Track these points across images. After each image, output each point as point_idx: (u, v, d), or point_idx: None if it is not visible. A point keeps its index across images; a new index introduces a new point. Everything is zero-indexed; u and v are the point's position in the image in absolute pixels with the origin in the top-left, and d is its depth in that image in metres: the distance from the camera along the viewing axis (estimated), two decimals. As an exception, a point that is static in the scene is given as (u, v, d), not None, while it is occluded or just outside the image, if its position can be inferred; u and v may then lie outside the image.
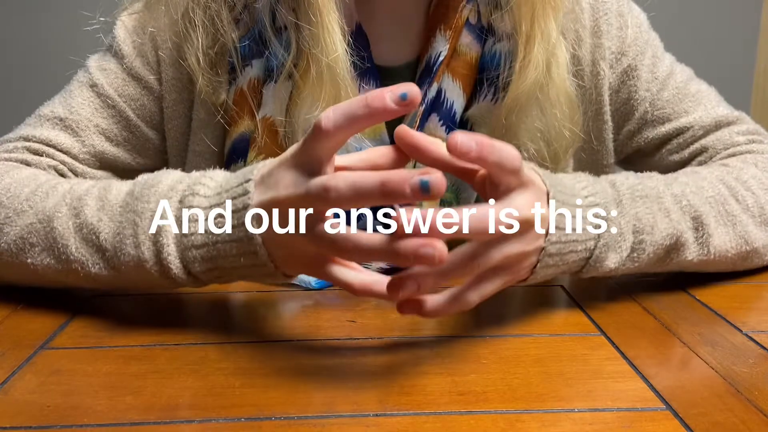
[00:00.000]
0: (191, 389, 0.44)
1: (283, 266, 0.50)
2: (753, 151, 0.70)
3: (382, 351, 0.50)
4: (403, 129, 0.47)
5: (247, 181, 0.48)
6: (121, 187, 0.55)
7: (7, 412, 0.42)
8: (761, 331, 0.53)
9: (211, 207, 0.50)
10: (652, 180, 0.59)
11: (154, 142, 0.73)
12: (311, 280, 0.61)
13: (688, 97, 0.74)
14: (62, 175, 0.68)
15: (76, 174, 0.70)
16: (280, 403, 0.42)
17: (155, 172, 0.55)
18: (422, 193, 0.40)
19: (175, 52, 0.69)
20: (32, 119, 0.71)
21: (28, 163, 0.66)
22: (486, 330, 0.53)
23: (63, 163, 0.69)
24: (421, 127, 0.67)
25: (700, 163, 0.72)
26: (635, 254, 0.54)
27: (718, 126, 0.73)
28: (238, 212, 0.48)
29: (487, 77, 0.68)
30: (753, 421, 0.40)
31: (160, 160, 0.74)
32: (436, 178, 0.40)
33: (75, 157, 0.70)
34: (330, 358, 0.49)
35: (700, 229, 0.58)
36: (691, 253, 0.58)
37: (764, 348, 0.50)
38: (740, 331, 0.53)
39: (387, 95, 0.42)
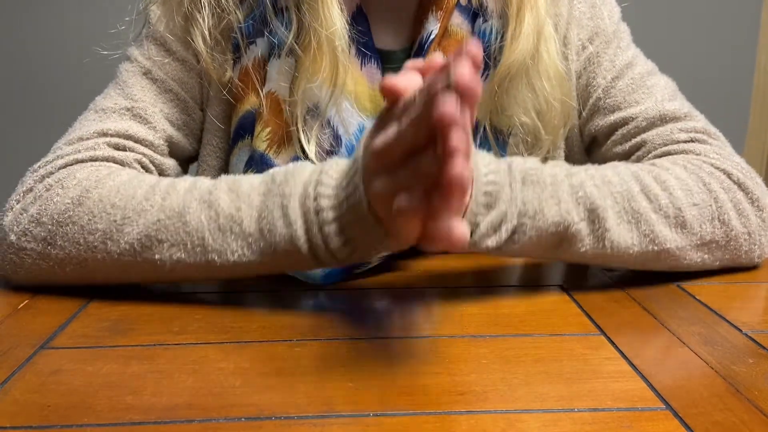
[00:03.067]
0: (191, 389, 0.44)
1: (387, 226, 0.51)
2: (690, 151, 0.68)
3: (382, 351, 0.50)
4: (384, 82, 0.47)
5: (358, 151, 0.52)
6: (251, 180, 0.57)
7: (7, 412, 0.42)
8: (761, 331, 0.53)
9: (337, 186, 0.53)
10: (554, 168, 0.59)
11: (201, 122, 0.74)
12: (317, 275, 0.61)
13: (642, 88, 0.73)
14: (145, 168, 0.68)
15: (155, 165, 0.70)
16: (280, 403, 0.42)
17: (292, 164, 0.57)
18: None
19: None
20: (93, 114, 0.69)
21: (115, 160, 0.65)
22: (486, 330, 0.53)
23: (144, 155, 0.68)
24: None
25: (638, 158, 0.71)
26: (516, 236, 0.56)
27: (662, 120, 0.71)
28: (353, 179, 0.52)
29: None
30: (753, 421, 0.40)
31: (200, 142, 0.75)
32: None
33: (151, 145, 0.69)
34: (330, 358, 0.49)
35: (597, 222, 0.58)
36: (586, 245, 0.58)
37: (764, 348, 0.50)
38: (740, 331, 0.53)
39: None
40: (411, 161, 0.45)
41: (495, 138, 0.71)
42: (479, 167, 0.55)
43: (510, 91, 0.69)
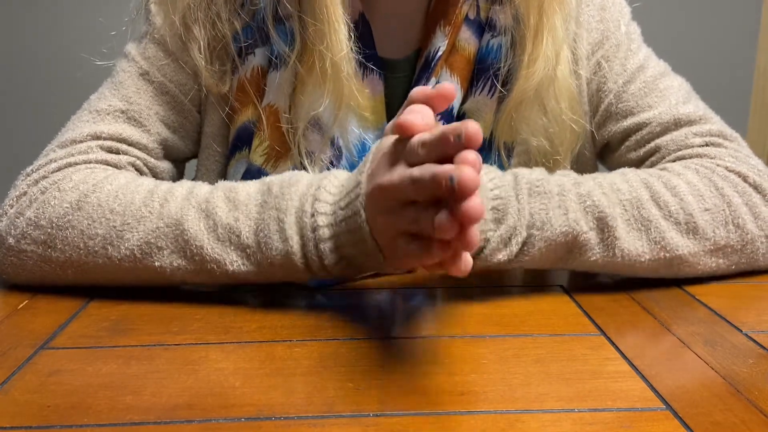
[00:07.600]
0: (191, 389, 0.44)
1: (388, 254, 0.52)
2: (705, 155, 0.67)
3: (382, 351, 0.50)
4: (401, 121, 0.48)
5: (361, 173, 0.52)
6: (247, 189, 0.57)
7: (7, 412, 0.42)
8: (761, 331, 0.53)
9: (334, 203, 0.54)
10: (561, 177, 0.59)
11: (199, 125, 0.73)
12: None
13: (655, 92, 0.72)
14: (139, 171, 0.68)
15: (149, 168, 0.69)
16: (280, 403, 0.42)
17: (288, 174, 0.58)
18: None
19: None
20: (87, 115, 0.68)
21: (108, 163, 0.65)
22: (486, 330, 0.53)
23: (138, 158, 0.68)
24: None
25: (653, 164, 0.70)
26: (525, 248, 0.56)
27: (677, 124, 0.70)
28: (353, 202, 0.52)
29: (483, 71, 0.69)
30: (753, 421, 0.40)
31: (198, 146, 0.74)
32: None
33: (145, 149, 0.68)
34: (330, 358, 0.49)
35: (606, 230, 0.57)
36: (596, 254, 0.58)
37: (764, 348, 0.50)
38: (740, 331, 0.53)
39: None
40: (422, 214, 0.46)
41: (504, 151, 0.70)
42: (484, 182, 0.55)
43: (522, 113, 0.68)
